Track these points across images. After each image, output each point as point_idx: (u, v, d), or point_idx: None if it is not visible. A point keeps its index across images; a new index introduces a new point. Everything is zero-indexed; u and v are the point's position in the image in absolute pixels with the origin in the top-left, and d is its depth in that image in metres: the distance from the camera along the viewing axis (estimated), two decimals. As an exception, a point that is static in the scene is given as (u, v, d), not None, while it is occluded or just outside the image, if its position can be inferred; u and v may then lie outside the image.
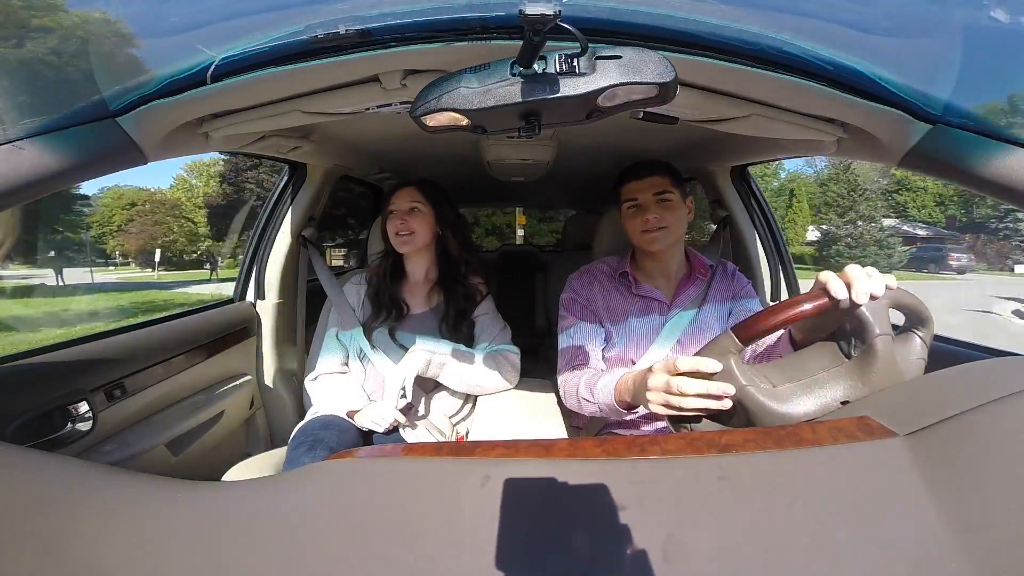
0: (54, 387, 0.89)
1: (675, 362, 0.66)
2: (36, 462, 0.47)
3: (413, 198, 1.26)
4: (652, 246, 1.07)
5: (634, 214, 1.08)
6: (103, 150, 0.71)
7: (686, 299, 1.12)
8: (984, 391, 0.45)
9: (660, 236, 1.06)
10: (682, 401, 0.64)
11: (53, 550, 0.37)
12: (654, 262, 1.14)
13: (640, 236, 1.08)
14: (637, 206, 1.08)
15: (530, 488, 0.42)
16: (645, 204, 1.06)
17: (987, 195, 0.69)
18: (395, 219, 1.25)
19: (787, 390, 0.61)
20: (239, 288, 1.58)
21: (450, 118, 0.60)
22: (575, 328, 1.11)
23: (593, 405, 0.93)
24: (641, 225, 1.06)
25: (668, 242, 1.08)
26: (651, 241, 1.06)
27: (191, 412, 1.22)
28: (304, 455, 1.01)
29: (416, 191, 1.27)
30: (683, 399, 0.64)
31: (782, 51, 0.66)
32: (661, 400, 0.68)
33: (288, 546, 0.38)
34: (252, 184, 18.13)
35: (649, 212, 1.05)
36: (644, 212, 1.06)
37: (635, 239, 1.10)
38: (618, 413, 0.89)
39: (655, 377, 0.69)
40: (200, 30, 0.67)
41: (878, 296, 0.60)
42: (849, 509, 0.38)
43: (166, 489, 0.46)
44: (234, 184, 18.09)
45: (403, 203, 1.26)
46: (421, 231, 1.25)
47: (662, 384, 0.67)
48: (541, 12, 0.43)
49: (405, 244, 1.25)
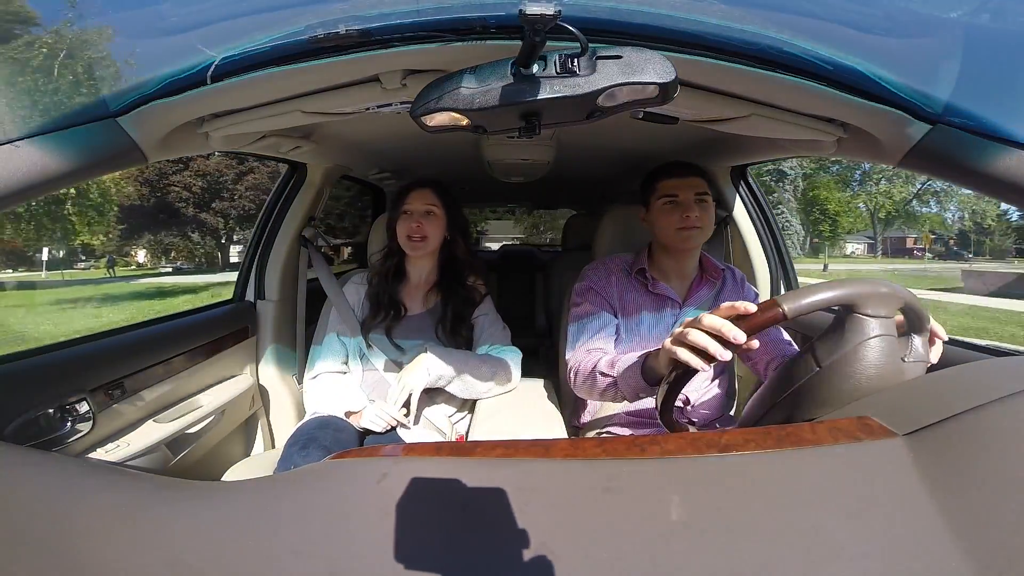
0: (54, 387, 0.89)
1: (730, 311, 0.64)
2: (36, 462, 0.47)
3: (429, 201, 1.23)
4: (687, 243, 1.09)
5: (671, 210, 1.08)
6: (103, 150, 0.71)
7: (698, 300, 1.14)
8: (984, 391, 0.45)
9: (696, 234, 1.08)
10: (722, 352, 0.62)
11: (53, 550, 0.37)
12: (674, 261, 1.15)
13: (675, 232, 1.08)
14: (676, 203, 1.08)
15: (530, 488, 0.42)
16: (686, 202, 1.08)
17: (987, 195, 0.69)
18: (409, 220, 1.21)
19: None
20: (239, 288, 1.58)
21: (450, 118, 0.60)
22: (592, 313, 1.10)
23: (609, 379, 0.91)
24: (679, 222, 1.07)
25: (700, 241, 1.10)
26: (687, 238, 1.08)
27: (191, 412, 1.22)
28: (296, 454, 1.01)
29: (432, 194, 1.24)
30: (696, 334, 0.63)
31: (782, 51, 0.66)
32: (700, 341, 0.64)
33: (288, 546, 0.38)
34: (178, 188, 18.42)
35: (691, 210, 1.06)
36: (685, 209, 1.07)
37: (667, 234, 1.10)
38: (634, 385, 0.85)
39: (708, 317, 0.65)
40: (200, 30, 0.67)
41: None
42: (849, 509, 0.38)
43: (166, 489, 0.46)
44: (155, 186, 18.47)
45: (419, 205, 1.22)
46: (434, 236, 1.23)
47: (717, 323, 0.63)
48: (541, 12, 0.43)
49: (416, 248, 1.22)
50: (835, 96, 0.71)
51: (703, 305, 1.13)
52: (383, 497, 0.42)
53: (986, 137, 0.65)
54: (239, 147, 1.06)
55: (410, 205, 1.23)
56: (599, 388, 0.94)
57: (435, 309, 1.29)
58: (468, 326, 1.29)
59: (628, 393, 0.88)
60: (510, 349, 1.28)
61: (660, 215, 1.11)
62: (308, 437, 1.06)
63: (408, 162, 1.83)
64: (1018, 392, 0.43)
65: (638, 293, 1.14)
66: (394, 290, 1.29)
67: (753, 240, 1.56)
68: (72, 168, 0.66)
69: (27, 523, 0.39)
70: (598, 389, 0.95)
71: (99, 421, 0.96)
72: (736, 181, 1.56)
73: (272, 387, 1.55)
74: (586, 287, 1.15)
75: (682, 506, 0.39)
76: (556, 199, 3.43)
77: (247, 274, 1.57)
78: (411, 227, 1.21)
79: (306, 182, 1.54)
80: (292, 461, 1.00)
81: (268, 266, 1.55)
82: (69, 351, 0.97)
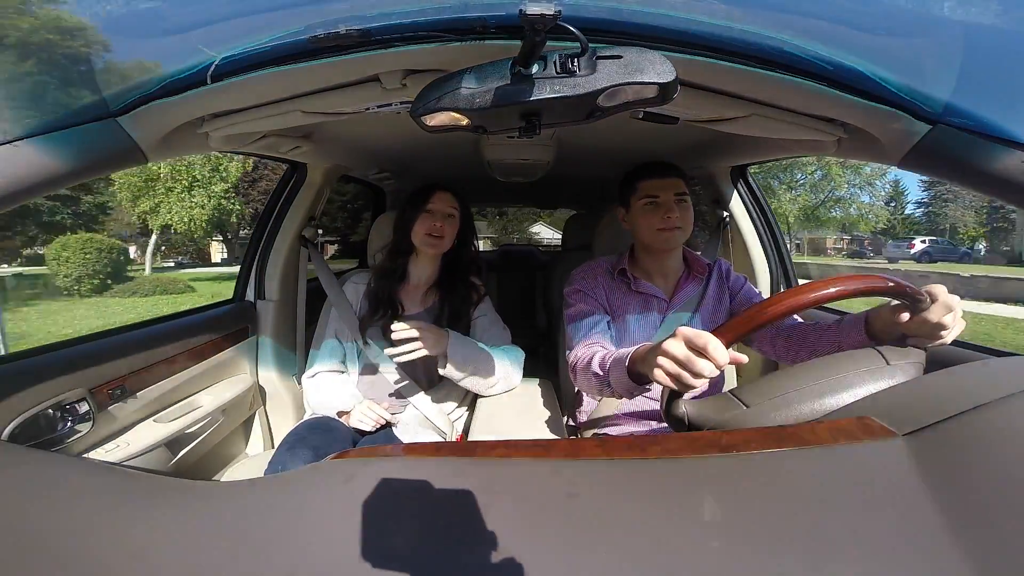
0: (54, 387, 0.89)
1: (702, 340, 0.61)
2: (36, 462, 0.47)
3: (452, 204, 1.27)
4: (667, 244, 1.09)
5: (652, 210, 1.09)
6: (103, 150, 0.71)
7: (684, 297, 1.13)
8: (984, 391, 0.45)
9: (677, 235, 1.08)
10: (693, 381, 0.61)
11: (53, 550, 0.37)
12: (655, 260, 1.15)
13: (655, 233, 1.08)
14: (656, 203, 1.08)
15: (530, 488, 0.42)
16: (666, 203, 1.08)
17: (987, 195, 0.69)
18: (432, 219, 1.23)
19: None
20: (239, 288, 1.58)
21: (450, 118, 0.60)
22: (586, 311, 1.10)
23: (601, 379, 0.90)
24: (660, 222, 1.07)
25: (680, 242, 1.10)
26: (667, 239, 1.08)
27: (191, 412, 1.22)
28: (284, 454, 1.03)
29: (453, 197, 1.28)
30: (695, 379, 0.61)
31: (782, 51, 0.66)
32: (671, 370, 0.63)
33: (287, 546, 0.38)
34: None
35: (672, 211, 1.06)
36: (665, 210, 1.07)
37: (647, 235, 1.10)
38: (624, 384, 0.84)
39: (674, 344, 0.63)
40: (200, 30, 0.67)
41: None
42: (849, 509, 0.38)
43: (166, 489, 0.46)
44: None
45: (443, 206, 1.25)
46: (449, 237, 1.26)
47: (681, 355, 0.62)
48: (541, 12, 0.43)
49: (434, 246, 1.24)
50: (835, 96, 0.71)
51: (691, 302, 1.13)
52: (383, 497, 0.42)
53: (986, 137, 0.65)
54: (239, 147, 1.06)
55: (434, 205, 1.25)
56: (595, 384, 0.94)
57: (433, 308, 1.29)
58: (465, 326, 1.30)
59: (621, 391, 0.87)
60: (513, 349, 1.28)
61: (640, 216, 1.10)
62: (297, 438, 1.07)
63: (408, 162, 1.83)
64: (1018, 392, 0.43)
65: (623, 294, 1.14)
66: (393, 289, 1.29)
67: (753, 240, 1.56)
68: (72, 168, 0.66)
69: (27, 523, 0.39)
70: (595, 385, 0.94)
71: (99, 421, 0.96)
72: (736, 181, 1.56)
73: (272, 387, 1.55)
74: (575, 290, 1.15)
75: (682, 506, 0.39)
76: (556, 199, 3.43)
77: (247, 274, 1.57)
78: (433, 226, 1.23)
79: (306, 182, 1.54)
80: (280, 462, 1.01)
81: (268, 266, 1.55)
82: (69, 351, 0.97)
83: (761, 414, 0.59)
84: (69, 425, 0.91)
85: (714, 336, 0.61)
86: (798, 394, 0.59)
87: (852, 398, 0.56)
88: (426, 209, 1.25)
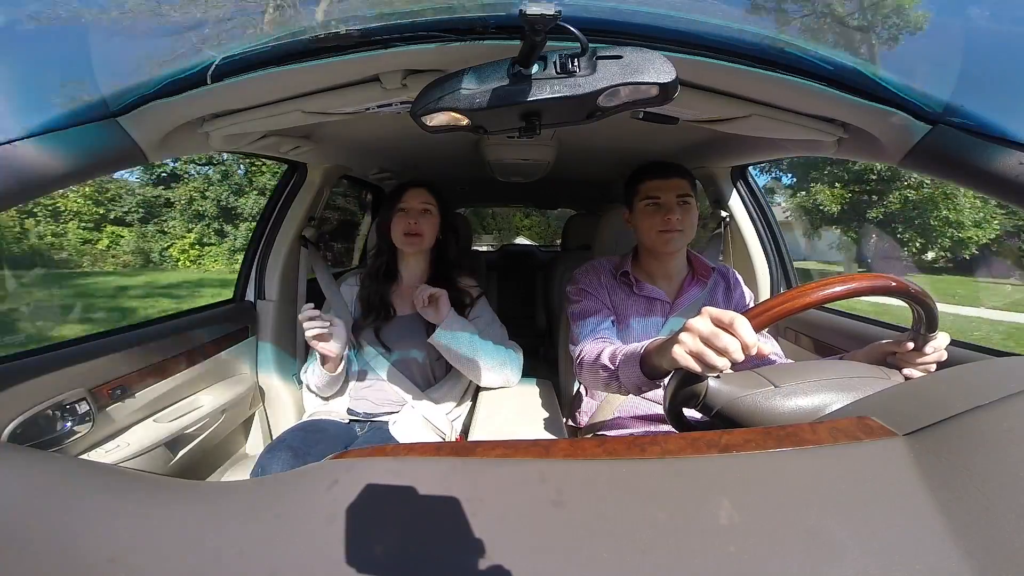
0: (54, 387, 0.89)
1: (729, 316, 0.58)
2: (36, 462, 0.47)
3: (425, 199, 1.26)
4: (668, 246, 1.07)
5: (653, 212, 1.07)
6: (103, 150, 0.71)
7: (688, 300, 1.12)
8: (984, 391, 0.45)
9: (677, 237, 1.06)
10: (715, 359, 0.57)
11: (53, 550, 0.37)
12: (658, 263, 1.14)
13: (657, 235, 1.07)
14: (658, 205, 1.07)
15: (529, 489, 0.42)
16: (668, 204, 1.06)
17: (987, 195, 0.69)
18: (407, 218, 1.23)
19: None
20: (239, 288, 1.58)
21: (450, 118, 0.60)
22: (592, 308, 1.09)
23: (611, 373, 0.88)
24: (661, 224, 1.06)
25: (681, 244, 1.09)
26: (668, 241, 1.06)
27: (190, 412, 1.22)
28: (265, 454, 1.03)
29: (428, 193, 1.27)
30: (718, 358, 0.57)
31: (782, 51, 0.66)
32: (693, 347, 0.59)
33: (287, 545, 0.38)
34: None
35: (672, 212, 1.05)
36: (667, 212, 1.05)
37: (649, 237, 1.09)
38: (634, 379, 0.81)
39: (699, 320, 0.60)
40: (200, 30, 0.67)
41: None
42: (849, 509, 0.38)
43: (166, 489, 0.46)
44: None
45: (415, 203, 1.25)
46: (429, 233, 1.25)
47: (706, 329, 0.59)
48: (541, 12, 0.43)
49: (412, 244, 1.24)
50: (835, 96, 0.71)
51: (694, 305, 1.11)
52: (382, 497, 0.42)
53: (986, 137, 0.65)
54: (239, 147, 1.06)
55: (407, 203, 1.25)
56: (602, 379, 0.92)
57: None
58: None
59: (629, 386, 0.84)
60: (513, 346, 1.28)
61: (642, 217, 1.09)
62: (280, 439, 1.08)
63: (408, 162, 1.83)
64: (1018, 392, 0.43)
65: (626, 295, 1.13)
66: (385, 291, 1.29)
67: (753, 240, 1.56)
68: (72, 168, 0.66)
69: (26, 523, 0.39)
70: (602, 380, 0.92)
71: (99, 421, 0.96)
72: (736, 181, 1.56)
73: (271, 387, 1.54)
74: (578, 288, 1.14)
75: (682, 506, 0.39)
76: (556, 199, 3.43)
77: (247, 274, 1.57)
78: (408, 224, 1.22)
79: (306, 182, 1.54)
80: (262, 463, 1.01)
81: (268, 266, 1.55)
82: (69, 351, 0.97)
83: (789, 395, 0.57)
84: (69, 425, 0.91)
85: (742, 315, 0.58)
86: (831, 383, 0.58)
87: None
88: (400, 208, 1.24)
